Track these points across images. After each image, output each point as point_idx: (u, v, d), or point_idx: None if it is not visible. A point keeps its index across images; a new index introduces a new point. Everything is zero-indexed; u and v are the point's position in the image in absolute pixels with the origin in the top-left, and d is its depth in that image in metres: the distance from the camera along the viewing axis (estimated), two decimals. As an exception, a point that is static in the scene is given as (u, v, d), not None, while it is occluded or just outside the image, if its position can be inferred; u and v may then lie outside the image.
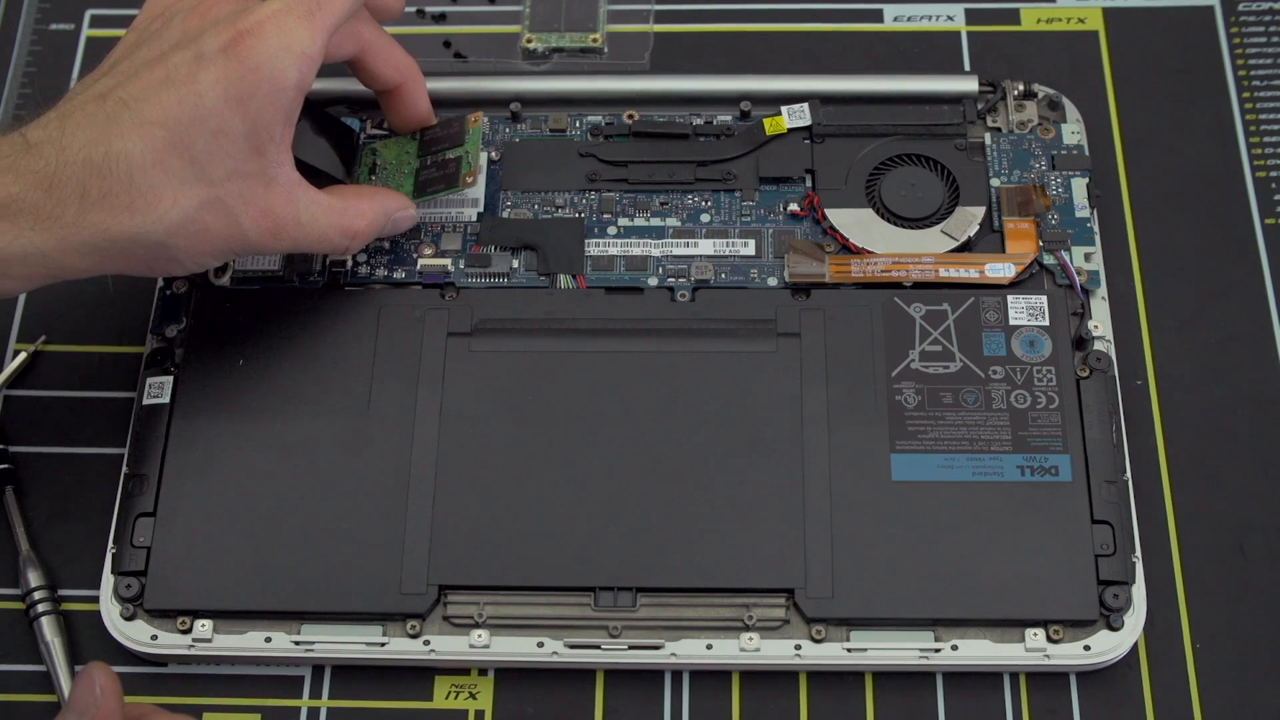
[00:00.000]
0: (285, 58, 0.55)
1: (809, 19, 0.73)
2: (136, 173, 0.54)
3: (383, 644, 0.57)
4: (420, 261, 0.64)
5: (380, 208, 0.61)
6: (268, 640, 0.57)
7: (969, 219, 0.64)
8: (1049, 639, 0.57)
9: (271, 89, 0.55)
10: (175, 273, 0.58)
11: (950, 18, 0.72)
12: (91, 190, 0.54)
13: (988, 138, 0.66)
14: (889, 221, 0.64)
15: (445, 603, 0.58)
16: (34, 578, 0.60)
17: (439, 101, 0.67)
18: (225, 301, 0.63)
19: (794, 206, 0.65)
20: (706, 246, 0.64)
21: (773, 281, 0.63)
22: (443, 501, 0.59)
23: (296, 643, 0.57)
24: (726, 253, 0.64)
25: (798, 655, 0.57)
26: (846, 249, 0.64)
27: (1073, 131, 0.66)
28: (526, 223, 0.65)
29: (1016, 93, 0.67)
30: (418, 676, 0.59)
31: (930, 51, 0.71)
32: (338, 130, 0.65)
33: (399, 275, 0.64)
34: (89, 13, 0.73)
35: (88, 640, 0.59)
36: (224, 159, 0.55)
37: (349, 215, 0.59)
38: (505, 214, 0.65)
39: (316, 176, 0.65)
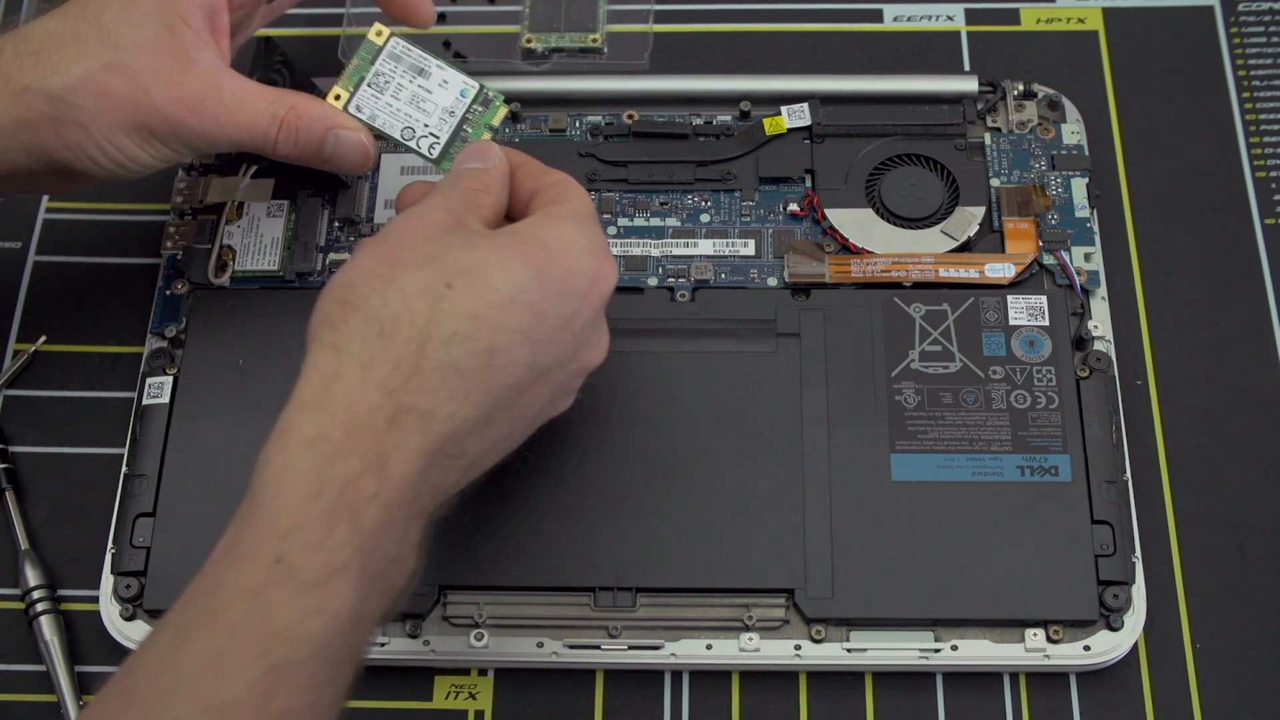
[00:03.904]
0: None
1: (809, 19, 0.73)
2: (48, 40, 0.56)
3: (383, 644, 0.57)
4: (420, 261, 0.64)
5: (323, 113, 0.59)
6: (267, 640, 0.57)
7: (969, 219, 0.64)
8: (1049, 639, 0.57)
9: None
10: (94, 154, 0.57)
11: (950, 18, 0.72)
12: (5, 52, 0.56)
13: (987, 138, 0.66)
14: (889, 221, 0.64)
15: (445, 603, 0.58)
16: (33, 577, 0.60)
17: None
18: (225, 301, 0.63)
19: (794, 206, 0.65)
20: (706, 246, 0.64)
21: (772, 281, 0.63)
22: (442, 501, 0.59)
23: (296, 643, 0.57)
24: (726, 253, 0.64)
25: (797, 655, 0.57)
26: (846, 249, 0.64)
27: (1072, 131, 0.66)
28: (526, 223, 0.65)
29: (1016, 93, 0.67)
30: (417, 676, 0.59)
31: (930, 51, 0.71)
32: None
33: (399, 275, 0.64)
34: None
35: (87, 640, 0.59)
36: (131, 28, 0.56)
37: (281, 104, 0.58)
38: (505, 214, 0.65)
39: (317, 175, 0.65)
